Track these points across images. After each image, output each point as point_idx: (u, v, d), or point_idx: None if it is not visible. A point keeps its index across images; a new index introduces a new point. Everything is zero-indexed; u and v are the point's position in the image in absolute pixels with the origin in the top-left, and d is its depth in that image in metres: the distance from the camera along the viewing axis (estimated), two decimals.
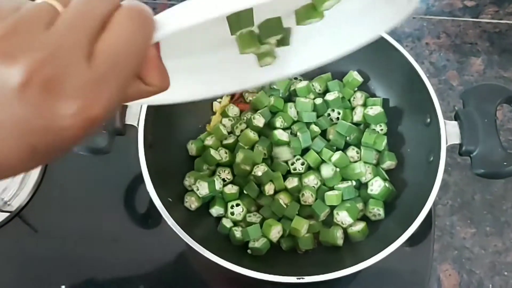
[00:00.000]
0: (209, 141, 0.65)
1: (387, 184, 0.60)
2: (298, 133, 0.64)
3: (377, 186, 0.60)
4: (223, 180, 0.62)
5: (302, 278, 0.49)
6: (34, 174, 0.66)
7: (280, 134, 0.64)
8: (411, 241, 0.51)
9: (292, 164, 0.63)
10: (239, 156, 0.62)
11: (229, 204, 0.60)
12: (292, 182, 0.62)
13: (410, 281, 0.62)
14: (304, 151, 0.64)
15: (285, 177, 0.62)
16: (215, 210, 0.61)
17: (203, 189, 0.59)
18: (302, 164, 0.63)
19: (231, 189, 0.61)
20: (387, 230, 0.58)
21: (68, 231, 0.64)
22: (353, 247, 0.58)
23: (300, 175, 0.63)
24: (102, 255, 0.63)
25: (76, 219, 0.65)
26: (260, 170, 0.61)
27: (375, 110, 0.64)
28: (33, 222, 0.65)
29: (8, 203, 0.64)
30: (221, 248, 0.52)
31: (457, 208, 0.67)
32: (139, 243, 0.63)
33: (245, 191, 0.62)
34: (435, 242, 0.64)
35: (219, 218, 0.61)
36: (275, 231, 0.58)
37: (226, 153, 0.64)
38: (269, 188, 0.62)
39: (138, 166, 0.53)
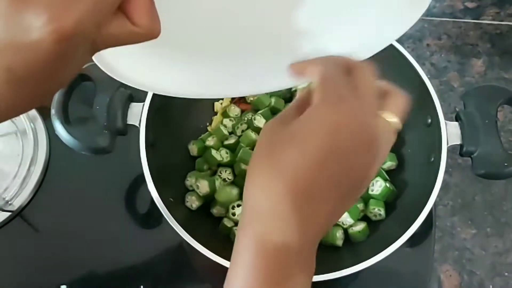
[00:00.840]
0: (210, 141, 0.65)
1: (387, 184, 0.60)
2: None
3: (377, 186, 0.60)
4: (224, 180, 0.62)
5: None
6: (36, 173, 0.66)
7: None
8: (411, 241, 0.51)
9: None
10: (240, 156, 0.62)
11: (230, 205, 0.60)
12: None
13: (411, 282, 0.62)
14: None
15: None
16: (216, 210, 0.61)
17: (203, 187, 0.60)
18: None
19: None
20: (387, 230, 0.58)
21: (69, 230, 0.64)
22: (354, 247, 0.58)
23: None
24: (102, 255, 0.63)
25: (77, 219, 0.65)
26: None
27: None
28: (34, 221, 0.65)
29: (9, 202, 0.64)
30: (222, 248, 0.52)
31: (458, 208, 0.67)
32: (140, 242, 0.63)
33: None
34: (436, 243, 0.64)
35: (220, 218, 0.61)
36: None
37: (227, 153, 0.64)
38: None
39: (140, 166, 0.53)
